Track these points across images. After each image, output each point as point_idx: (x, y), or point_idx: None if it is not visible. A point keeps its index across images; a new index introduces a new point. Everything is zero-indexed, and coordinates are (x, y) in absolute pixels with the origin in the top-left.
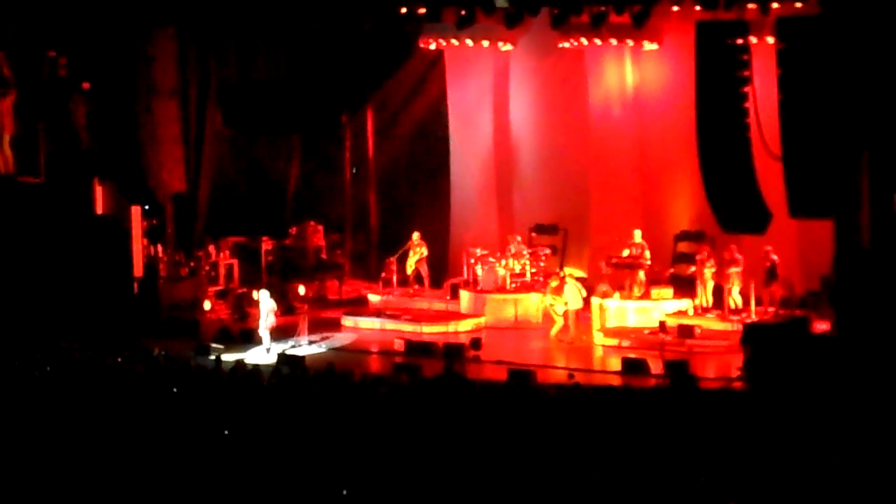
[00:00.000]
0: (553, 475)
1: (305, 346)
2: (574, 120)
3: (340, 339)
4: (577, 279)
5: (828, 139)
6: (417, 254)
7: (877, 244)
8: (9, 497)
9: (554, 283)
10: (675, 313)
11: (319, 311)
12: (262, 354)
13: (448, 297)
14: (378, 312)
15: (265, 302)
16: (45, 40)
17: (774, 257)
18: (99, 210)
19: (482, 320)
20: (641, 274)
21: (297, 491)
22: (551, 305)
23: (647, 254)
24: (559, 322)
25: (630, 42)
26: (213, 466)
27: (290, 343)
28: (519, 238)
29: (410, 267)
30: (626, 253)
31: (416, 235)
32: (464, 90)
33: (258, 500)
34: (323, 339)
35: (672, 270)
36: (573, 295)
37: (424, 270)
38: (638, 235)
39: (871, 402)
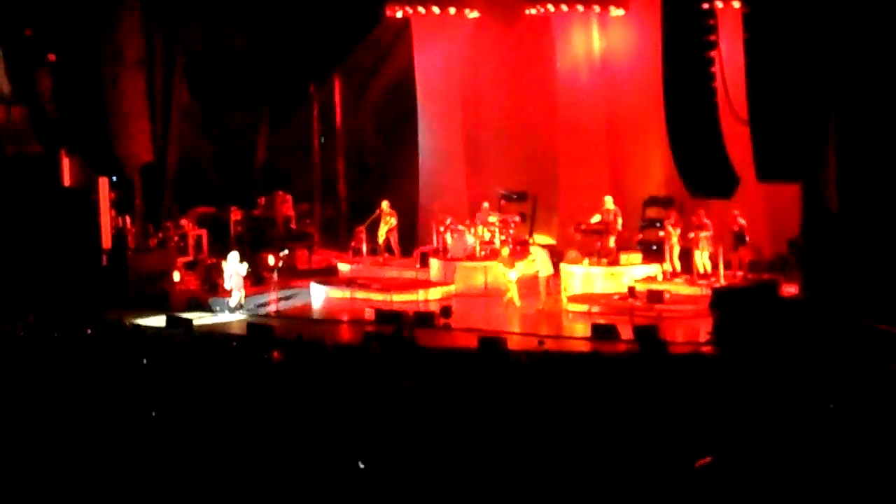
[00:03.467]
0: (523, 441)
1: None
2: (542, 87)
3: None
4: (546, 247)
5: (794, 103)
6: (388, 223)
7: (844, 208)
8: None
9: (505, 253)
10: (644, 278)
11: (289, 280)
12: (226, 314)
13: (418, 266)
14: (348, 281)
15: (233, 263)
16: (10, 11)
17: (742, 221)
18: (66, 182)
19: (452, 288)
20: (611, 240)
21: (269, 460)
22: (504, 275)
23: (620, 220)
24: (512, 291)
25: (597, 8)
26: (186, 438)
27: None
28: (487, 205)
29: (381, 236)
30: (597, 219)
31: (385, 204)
32: (431, 58)
33: (232, 470)
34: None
35: (641, 236)
36: (543, 261)
37: (394, 239)
38: (609, 201)
39: (839, 365)
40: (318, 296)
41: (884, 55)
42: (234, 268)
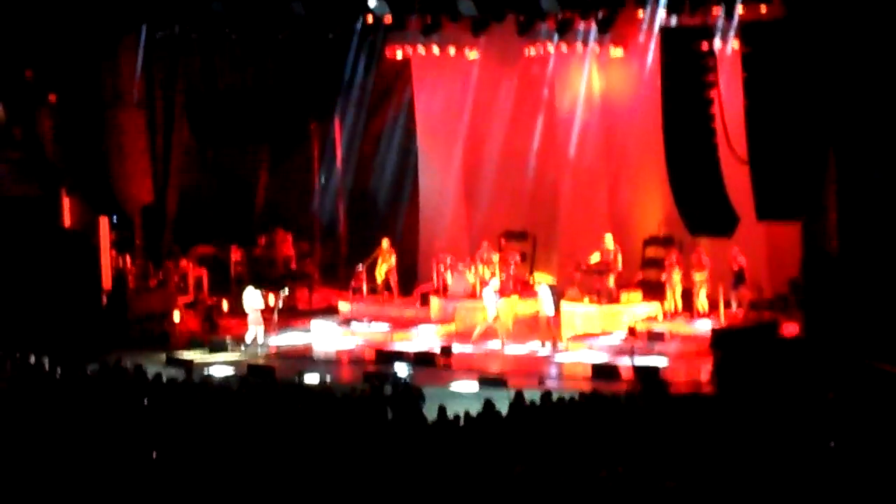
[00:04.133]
0: (524, 480)
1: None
2: (541, 126)
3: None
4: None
5: (794, 143)
6: (387, 262)
7: (844, 247)
8: None
9: (495, 287)
10: (644, 318)
11: (289, 320)
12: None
13: (418, 305)
14: (348, 321)
15: (250, 299)
16: (12, 52)
17: (742, 261)
18: (67, 222)
19: (452, 327)
20: (611, 279)
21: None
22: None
23: (620, 258)
24: (480, 327)
25: (596, 48)
26: (184, 477)
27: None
28: (487, 245)
29: (380, 275)
30: (597, 257)
31: (385, 243)
32: (431, 97)
33: None
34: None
35: (641, 275)
36: (546, 300)
37: (393, 278)
38: (609, 240)
39: (839, 405)
40: (320, 334)
41: (883, 95)
42: (251, 303)
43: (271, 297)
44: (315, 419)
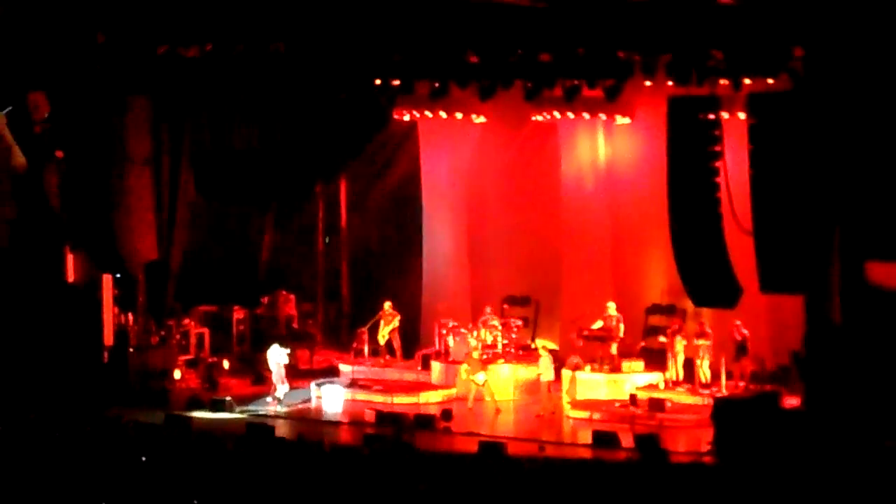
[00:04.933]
0: None
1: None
2: (546, 192)
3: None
4: (549, 351)
5: (799, 215)
6: (390, 324)
7: (848, 320)
8: None
9: (475, 356)
10: (645, 386)
11: (290, 380)
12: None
13: (419, 368)
14: (349, 383)
15: (274, 355)
16: (21, 106)
17: (745, 332)
18: (70, 278)
19: (453, 391)
20: (613, 347)
21: None
22: (471, 378)
23: (622, 326)
24: (472, 392)
25: (602, 116)
26: None
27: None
28: (490, 309)
29: (383, 337)
30: (599, 324)
31: (387, 305)
32: (437, 161)
33: None
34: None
35: (643, 343)
36: (546, 366)
37: (396, 341)
38: (612, 308)
39: (840, 479)
40: (321, 395)
41: (889, 170)
42: (275, 359)
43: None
44: (312, 478)
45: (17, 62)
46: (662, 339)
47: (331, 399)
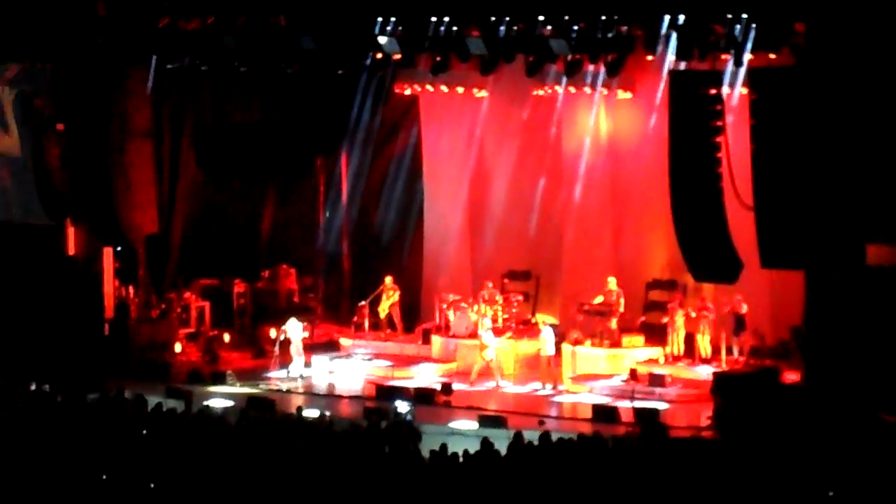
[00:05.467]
0: None
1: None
2: (548, 167)
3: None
4: (549, 324)
5: (800, 190)
6: (391, 298)
7: (847, 295)
8: None
9: (485, 330)
10: (645, 361)
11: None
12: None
13: (419, 342)
14: (349, 356)
15: (292, 330)
16: (22, 79)
17: (744, 307)
18: (71, 251)
19: (453, 366)
20: (614, 322)
21: None
22: (481, 353)
23: (623, 301)
24: (477, 367)
25: (604, 90)
26: None
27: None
28: (491, 284)
29: (383, 311)
30: (600, 299)
31: (388, 279)
32: (438, 135)
33: None
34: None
35: (643, 318)
36: (548, 341)
37: (397, 315)
38: (613, 283)
39: (839, 454)
40: (321, 369)
41: (890, 144)
42: (293, 333)
43: (272, 331)
44: (312, 453)
45: (19, 34)
46: (665, 319)
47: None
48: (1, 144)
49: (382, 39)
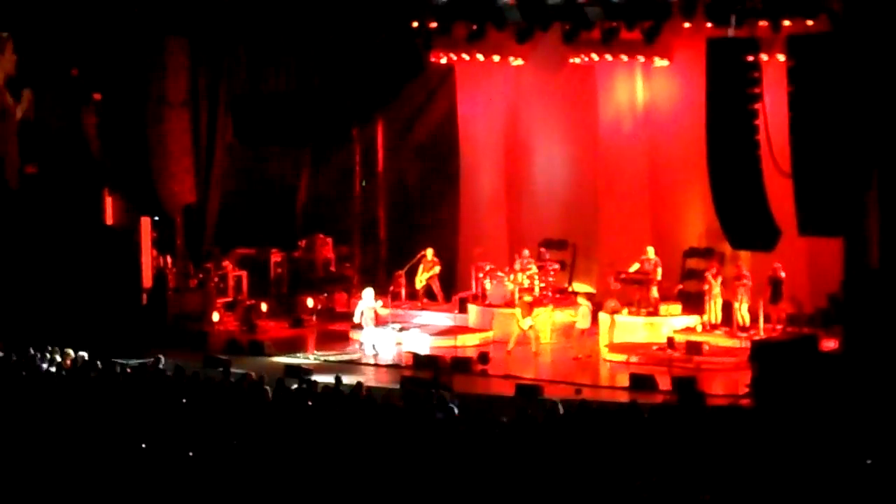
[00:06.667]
0: (559, 490)
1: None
2: (584, 135)
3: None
4: (586, 294)
5: (838, 157)
6: (430, 271)
7: (886, 263)
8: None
9: (527, 299)
10: (683, 329)
11: (328, 323)
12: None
13: (456, 311)
14: (386, 325)
15: (367, 300)
16: (59, 49)
17: (782, 274)
18: (109, 221)
19: (490, 334)
20: (654, 290)
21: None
22: (518, 321)
23: (660, 270)
24: (514, 336)
25: (641, 58)
26: (218, 479)
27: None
28: (527, 252)
29: (420, 282)
30: (636, 267)
31: (429, 252)
32: (474, 104)
33: None
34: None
35: (681, 286)
36: (584, 315)
37: (437, 287)
38: (651, 252)
39: (878, 422)
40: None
41: None
42: (368, 304)
43: (310, 301)
44: (350, 424)
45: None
46: (706, 286)
47: (364, 341)
48: None
49: None
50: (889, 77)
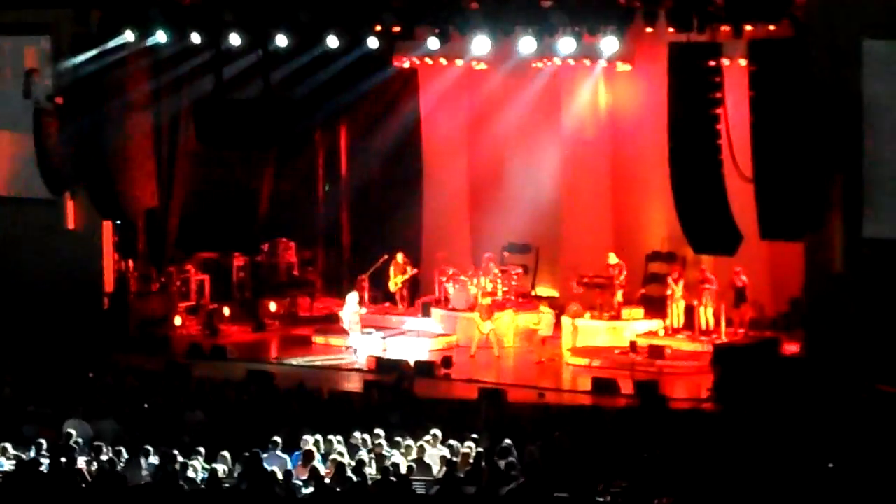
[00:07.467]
0: (521, 494)
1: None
2: (547, 139)
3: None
4: (548, 299)
5: (799, 162)
6: (404, 274)
7: (847, 267)
8: None
9: (485, 302)
10: (645, 333)
11: (290, 328)
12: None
13: (419, 315)
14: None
15: (351, 305)
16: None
17: (744, 279)
18: (70, 224)
19: (453, 339)
20: (619, 294)
21: None
22: (479, 326)
23: (625, 272)
24: (476, 340)
25: (603, 63)
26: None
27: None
28: (490, 255)
29: (396, 285)
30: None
31: (400, 256)
32: (438, 108)
33: None
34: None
35: (643, 291)
36: (546, 323)
37: (407, 291)
38: (613, 257)
39: (839, 425)
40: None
41: (889, 115)
42: (352, 309)
43: (272, 305)
44: (310, 425)
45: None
46: (669, 291)
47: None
48: None
49: None
50: (850, 82)
